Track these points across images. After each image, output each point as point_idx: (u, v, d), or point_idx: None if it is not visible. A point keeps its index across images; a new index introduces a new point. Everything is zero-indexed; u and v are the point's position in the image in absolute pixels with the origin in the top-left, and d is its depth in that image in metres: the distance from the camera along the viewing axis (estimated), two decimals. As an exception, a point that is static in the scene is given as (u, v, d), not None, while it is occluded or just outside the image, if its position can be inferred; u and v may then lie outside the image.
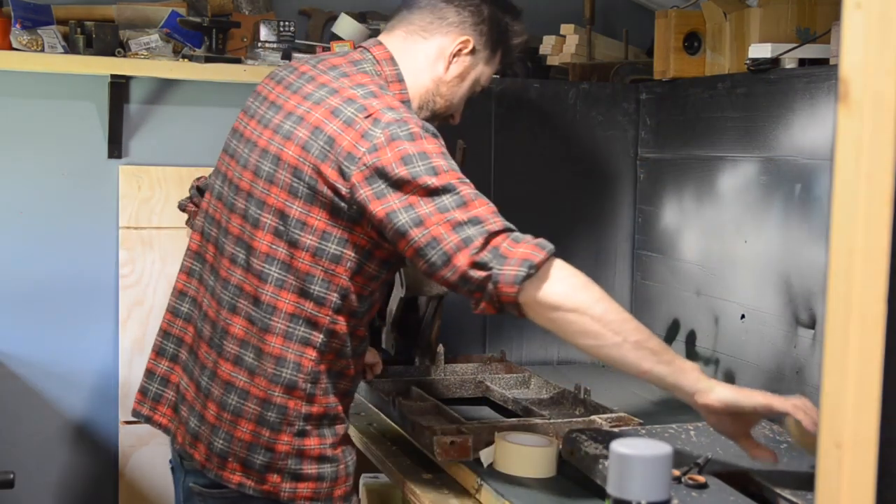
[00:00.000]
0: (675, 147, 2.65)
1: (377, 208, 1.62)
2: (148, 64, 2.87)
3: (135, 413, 1.90)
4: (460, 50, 1.85)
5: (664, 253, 2.70)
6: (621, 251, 2.84)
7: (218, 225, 1.81)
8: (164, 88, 3.06)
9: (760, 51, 2.26)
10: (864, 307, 0.85)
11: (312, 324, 1.70)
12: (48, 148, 2.99)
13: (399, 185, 1.61)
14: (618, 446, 1.01)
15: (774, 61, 2.25)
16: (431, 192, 1.61)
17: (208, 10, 3.01)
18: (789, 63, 2.23)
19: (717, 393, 1.59)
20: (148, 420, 1.88)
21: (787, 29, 2.31)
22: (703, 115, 2.52)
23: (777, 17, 2.32)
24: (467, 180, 1.65)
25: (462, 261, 1.58)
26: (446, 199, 1.60)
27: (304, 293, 1.69)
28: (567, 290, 1.59)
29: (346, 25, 3.02)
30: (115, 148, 3.02)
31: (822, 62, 2.18)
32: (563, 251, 2.83)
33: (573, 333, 1.60)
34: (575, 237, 2.80)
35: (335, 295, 1.70)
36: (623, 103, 2.81)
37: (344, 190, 1.65)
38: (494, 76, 2.78)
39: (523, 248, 1.58)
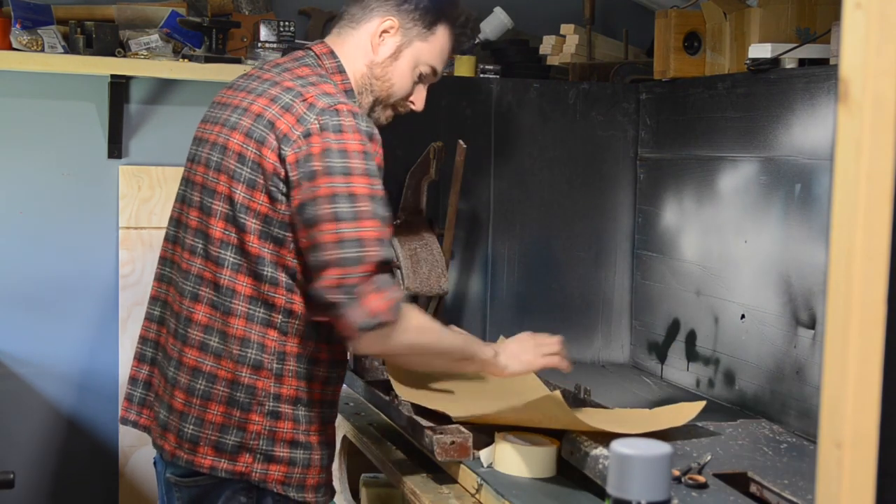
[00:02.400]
0: (675, 147, 2.65)
1: (295, 194, 1.70)
2: (148, 64, 2.87)
3: (122, 420, 1.95)
4: (384, 31, 1.90)
5: (664, 253, 2.70)
6: (621, 251, 2.84)
7: (179, 223, 1.88)
8: (164, 88, 3.06)
9: (760, 51, 2.26)
10: (864, 307, 0.85)
11: (270, 305, 1.76)
12: (48, 148, 2.99)
13: (313, 176, 1.68)
14: (618, 446, 1.01)
15: (774, 61, 2.25)
16: (334, 195, 1.67)
17: (208, 10, 3.01)
18: (789, 63, 2.23)
19: (507, 368, 1.97)
20: (135, 425, 1.93)
21: (787, 29, 2.31)
22: (703, 115, 2.52)
23: (777, 17, 2.32)
24: (376, 186, 1.70)
25: (330, 277, 1.65)
26: (343, 208, 1.66)
27: (257, 276, 1.75)
28: (398, 351, 1.78)
29: (346, 25, 3.01)
30: (115, 148, 3.02)
31: (822, 62, 2.18)
32: (564, 251, 2.85)
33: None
34: (575, 237, 2.80)
35: (284, 276, 1.75)
36: (623, 103, 2.81)
37: (281, 171, 1.71)
38: (489, 67, 2.76)
39: (379, 302, 1.65)
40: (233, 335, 1.76)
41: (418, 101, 1.99)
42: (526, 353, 2.00)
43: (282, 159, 1.71)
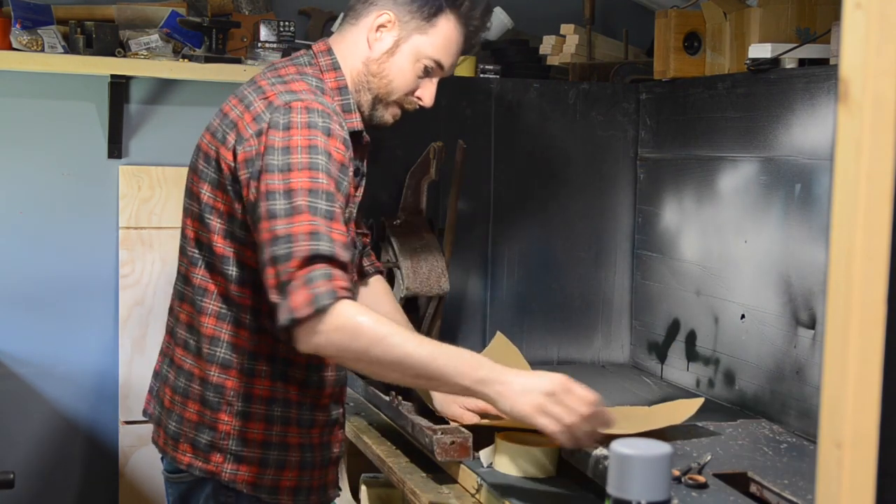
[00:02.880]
0: (675, 147, 2.65)
1: (246, 194, 1.67)
2: (148, 64, 2.87)
3: (144, 412, 1.95)
4: (381, 26, 1.84)
5: (664, 253, 2.70)
6: (621, 251, 2.84)
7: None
8: (164, 88, 3.06)
9: (760, 51, 2.26)
10: (864, 307, 0.85)
11: (238, 304, 1.75)
12: (48, 148, 2.99)
13: (257, 175, 1.64)
14: (618, 446, 1.01)
15: (774, 61, 2.25)
16: (269, 193, 1.61)
17: (208, 10, 3.01)
18: (789, 63, 2.23)
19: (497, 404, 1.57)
20: (150, 417, 1.93)
21: (787, 29, 2.31)
22: (703, 115, 2.52)
23: (777, 17, 2.32)
24: (320, 180, 1.61)
25: (268, 277, 1.57)
26: (279, 204, 1.59)
27: (224, 275, 1.75)
28: (327, 353, 1.59)
29: (346, 25, 3.01)
30: (115, 148, 3.02)
31: (822, 62, 2.18)
32: (564, 251, 2.85)
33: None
34: (575, 237, 2.80)
35: (250, 275, 1.73)
36: (623, 103, 2.81)
37: (235, 171, 1.70)
38: (489, 67, 2.76)
39: (299, 297, 1.52)
40: (204, 333, 1.77)
41: (426, 96, 1.90)
42: (526, 399, 1.55)
43: (235, 158, 1.69)
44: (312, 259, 1.54)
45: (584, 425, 1.53)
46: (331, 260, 1.55)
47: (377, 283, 2.15)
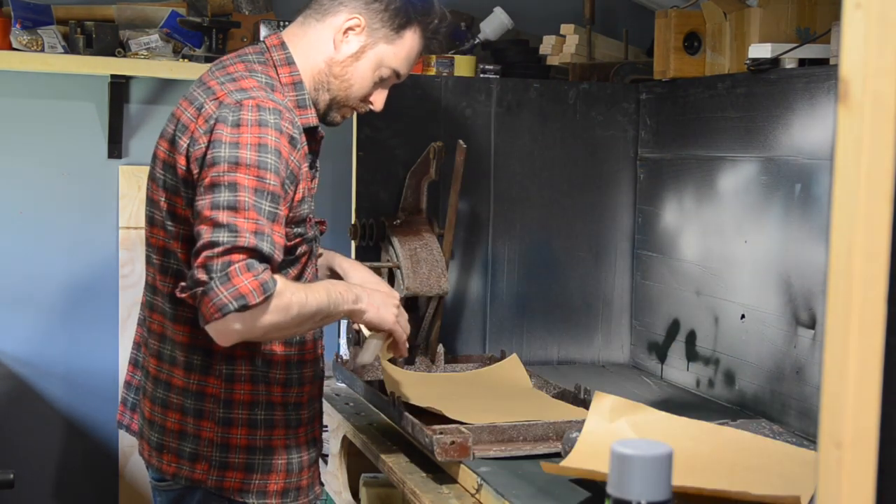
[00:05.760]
0: (675, 147, 2.65)
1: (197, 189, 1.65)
2: (148, 64, 2.87)
3: (118, 424, 1.96)
4: (349, 28, 1.82)
5: (664, 253, 2.69)
6: (621, 251, 2.84)
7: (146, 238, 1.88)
8: (164, 88, 3.06)
9: (760, 51, 2.26)
10: (864, 307, 0.84)
11: None
12: (48, 148, 2.99)
13: (205, 168, 1.63)
14: (618, 446, 1.01)
15: (774, 61, 2.25)
16: (215, 185, 1.60)
17: (208, 10, 3.01)
18: (789, 63, 2.23)
19: (364, 314, 1.79)
20: (127, 429, 1.94)
21: (787, 29, 2.31)
22: (703, 115, 2.52)
23: (777, 17, 2.32)
24: (268, 180, 1.61)
25: (201, 257, 1.56)
26: (223, 196, 1.59)
27: None
28: (253, 336, 1.62)
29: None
30: (115, 148, 3.02)
31: (822, 62, 2.18)
32: (564, 251, 2.85)
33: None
34: (575, 237, 2.80)
35: None
36: (623, 103, 2.81)
37: (189, 173, 1.68)
38: (489, 67, 2.76)
39: (247, 282, 1.53)
40: (179, 342, 1.75)
41: (378, 102, 1.90)
42: (387, 309, 1.82)
43: (188, 160, 1.68)
44: (252, 253, 1.56)
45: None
46: (269, 261, 1.58)
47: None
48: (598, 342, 2.84)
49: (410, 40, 1.86)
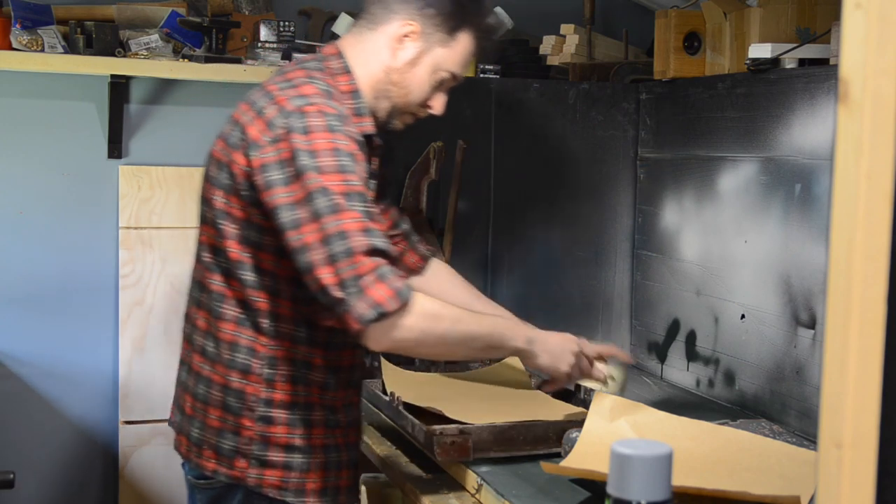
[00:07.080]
0: (675, 147, 2.65)
1: (267, 199, 1.66)
2: (148, 64, 2.87)
3: (169, 422, 1.94)
4: (405, 35, 1.83)
5: (664, 253, 2.69)
6: (621, 251, 2.84)
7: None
8: (164, 88, 3.06)
9: (760, 51, 2.26)
10: (864, 307, 0.84)
11: (256, 309, 1.75)
12: (48, 148, 2.99)
13: (287, 181, 1.64)
14: (618, 446, 1.01)
15: (774, 61, 2.25)
16: (309, 195, 1.62)
17: (208, 10, 3.01)
18: (789, 63, 2.23)
19: (536, 359, 1.89)
20: (172, 425, 1.92)
21: (787, 29, 2.31)
22: (703, 115, 2.52)
23: (777, 17, 2.32)
24: (352, 182, 1.64)
25: (325, 276, 1.60)
26: (322, 203, 1.61)
27: (241, 280, 1.75)
28: (408, 343, 1.68)
29: (345, 25, 3.02)
30: (115, 148, 3.01)
31: (822, 62, 2.18)
32: (564, 251, 2.85)
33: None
34: (575, 237, 2.80)
35: (267, 279, 1.74)
36: (623, 103, 2.81)
37: (250, 176, 1.70)
38: (489, 67, 2.74)
39: (382, 291, 1.59)
40: (223, 339, 1.77)
41: (437, 106, 1.92)
42: (564, 358, 1.92)
43: (250, 164, 1.69)
44: (372, 253, 1.59)
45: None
46: (386, 255, 1.61)
47: (439, 265, 2.18)
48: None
49: (465, 41, 1.88)
